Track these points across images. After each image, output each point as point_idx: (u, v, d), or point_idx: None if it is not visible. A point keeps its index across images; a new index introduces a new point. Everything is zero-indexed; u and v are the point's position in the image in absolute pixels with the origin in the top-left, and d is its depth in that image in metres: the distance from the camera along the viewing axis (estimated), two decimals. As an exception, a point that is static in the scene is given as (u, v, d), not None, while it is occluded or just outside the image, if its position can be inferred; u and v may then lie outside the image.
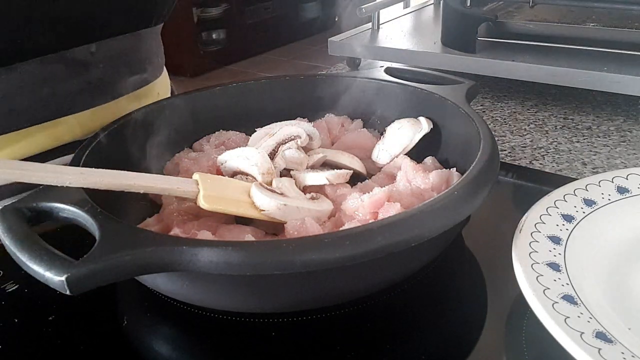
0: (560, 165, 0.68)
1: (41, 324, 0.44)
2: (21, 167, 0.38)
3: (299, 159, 0.53)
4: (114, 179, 0.41)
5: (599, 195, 0.49)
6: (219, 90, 0.62)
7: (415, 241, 0.36)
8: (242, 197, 0.45)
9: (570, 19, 0.93)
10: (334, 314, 0.43)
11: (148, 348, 0.43)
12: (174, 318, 0.44)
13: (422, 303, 0.45)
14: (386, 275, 0.41)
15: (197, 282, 0.38)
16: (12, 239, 0.34)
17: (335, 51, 1.02)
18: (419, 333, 0.42)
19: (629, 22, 0.86)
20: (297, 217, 0.44)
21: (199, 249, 0.34)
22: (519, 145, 0.73)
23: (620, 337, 0.35)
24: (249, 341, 0.42)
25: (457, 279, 0.48)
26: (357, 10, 1.00)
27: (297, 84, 0.65)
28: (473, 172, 0.42)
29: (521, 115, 0.82)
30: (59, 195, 0.38)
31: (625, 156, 0.69)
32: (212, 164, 0.53)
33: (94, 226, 0.36)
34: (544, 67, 0.81)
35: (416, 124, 0.56)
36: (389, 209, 0.43)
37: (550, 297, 0.37)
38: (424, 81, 0.60)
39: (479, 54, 0.87)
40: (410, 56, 0.93)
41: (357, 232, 0.36)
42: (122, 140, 0.52)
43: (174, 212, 0.47)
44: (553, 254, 0.42)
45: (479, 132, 0.48)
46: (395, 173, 0.51)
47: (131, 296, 0.47)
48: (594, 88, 0.79)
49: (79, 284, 0.31)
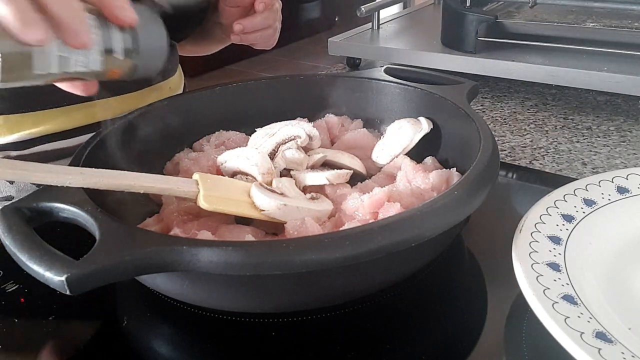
0: (560, 165, 0.68)
1: (41, 324, 0.44)
2: (21, 167, 0.38)
3: (299, 159, 0.53)
4: (114, 179, 0.41)
5: (599, 195, 0.49)
6: (219, 90, 0.62)
7: (415, 241, 0.36)
8: (242, 197, 0.45)
9: (570, 19, 0.93)
10: (334, 314, 0.43)
11: (148, 348, 0.43)
12: (174, 318, 0.44)
13: (422, 303, 0.45)
14: (386, 275, 0.41)
15: (197, 282, 0.38)
16: (12, 239, 0.34)
17: (335, 51, 1.02)
18: (419, 333, 0.42)
19: (629, 22, 0.86)
20: (297, 217, 0.44)
21: (199, 249, 0.34)
22: (519, 145, 0.73)
23: (620, 337, 0.35)
24: (249, 341, 0.42)
25: (457, 279, 0.48)
26: (357, 11, 1.00)
27: (297, 84, 0.65)
28: (473, 172, 0.42)
29: (521, 115, 0.82)
30: (59, 195, 0.38)
31: (625, 156, 0.69)
32: (212, 164, 0.53)
33: (94, 226, 0.36)
34: (544, 67, 0.81)
35: (416, 124, 0.56)
36: (389, 209, 0.43)
37: (550, 297, 0.37)
38: (424, 81, 0.60)
39: (479, 54, 0.87)
40: (410, 56, 0.93)
41: (357, 232, 0.36)
42: (122, 140, 0.52)
43: (174, 212, 0.47)
44: (553, 254, 0.42)
45: (479, 132, 0.48)
46: (395, 173, 0.51)
47: (131, 296, 0.47)
48: (594, 88, 0.79)
49: (79, 284, 0.31)
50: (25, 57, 0.36)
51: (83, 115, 0.65)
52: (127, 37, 0.41)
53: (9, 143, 0.63)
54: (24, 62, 0.36)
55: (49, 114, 0.63)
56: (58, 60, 0.37)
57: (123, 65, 0.42)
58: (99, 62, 0.40)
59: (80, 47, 0.37)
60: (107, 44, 0.40)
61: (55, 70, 0.38)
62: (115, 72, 0.42)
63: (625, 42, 0.81)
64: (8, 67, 0.35)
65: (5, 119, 0.62)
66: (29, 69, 0.36)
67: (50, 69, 0.37)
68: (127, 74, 0.43)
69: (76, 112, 0.65)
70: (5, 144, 0.63)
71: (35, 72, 0.37)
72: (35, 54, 0.36)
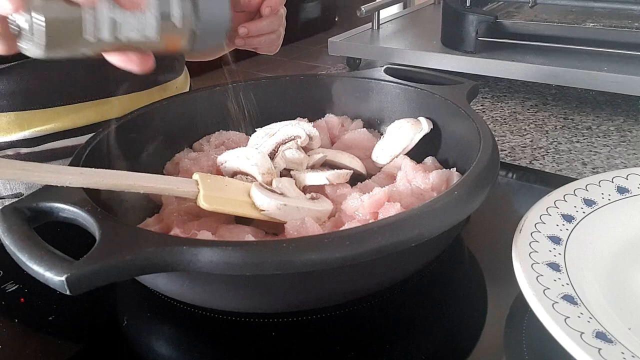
0: (560, 165, 0.68)
1: (41, 324, 0.44)
2: (21, 167, 0.38)
3: (299, 159, 0.53)
4: (114, 179, 0.41)
5: (599, 195, 0.49)
6: (219, 90, 0.62)
7: (415, 241, 0.36)
8: (242, 197, 0.45)
9: (570, 19, 0.93)
10: (334, 314, 0.43)
11: (148, 348, 0.43)
12: (174, 318, 0.44)
13: (422, 303, 0.45)
14: (386, 275, 0.41)
15: (197, 282, 0.38)
16: (12, 239, 0.34)
17: (335, 51, 1.02)
18: (419, 333, 0.42)
19: (629, 22, 0.86)
20: (297, 217, 0.44)
21: (199, 249, 0.34)
22: (519, 145, 0.73)
23: (620, 337, 0.35)
24: (249, 341, 0.42)
25: (457, 279, 0.48)
26: (357, 10, 1.00)
27: (297, 84, 0.65)
28: (473, 172, 0.42)
29: (521, 115, 0.82)
30: (59, 195, 0.38)
31: (625, 156, 0.69)
32: (212, 164, 0.53)
33: (94, 226, 0.36)
34: (544, 67, 0.81)
35: (416, 124, 0.56)
36: (389, 209, 0.43)
37: (550, 297, 0.37)
38: (424, 81, 0.60)
39: (479, 54, 0.87)
40: (410, 56, 0.93)
41: (357, 232, 0.36)
42: (122, 140, 0.52)
43: (174, 212, 0.47)
44: (553, 254, 0.42)
45: (479, 132, 0.48)
46: (395, 173, 0.51)
47: (131, 296, 0.47)
48: (594, 88, 0.79)
49: (79, 284, 0.31)
50: (73, 21, 0.32)
51: (93, 112, 0.66)
52: (186, 1, 0.37)
53: (19, 140, 0.63)
54: (72, 27, 0.32)
55: (60, 111, 0.64)
56: (109, 23, 0.34)
57: (181, 34, 0.38)
58: (154, 28, 0.36)
59: (134, 7, 0.34)
60: (164, 7, 0.36)
61: (106, 35, 0.34)
62: (173, 41, 0.38)
63: (625, 42, 0.81)
64: (54, 32, 0.32)
65: (16, 116, 0.62)
66: (76, 34, 0.33)
67: (100, 34, 0.34)
68: (185, 46, 0.39)
69: (87, 110, 0.65)
70: (16, 141, 0.63)
71: (84, 37, 0.33)
72: (84, 16, 0.32)
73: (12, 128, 0.63)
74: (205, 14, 0.38)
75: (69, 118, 0.65)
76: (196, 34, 0.38)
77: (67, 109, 0.64)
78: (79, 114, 0.65)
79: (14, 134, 0.63)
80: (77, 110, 0.65)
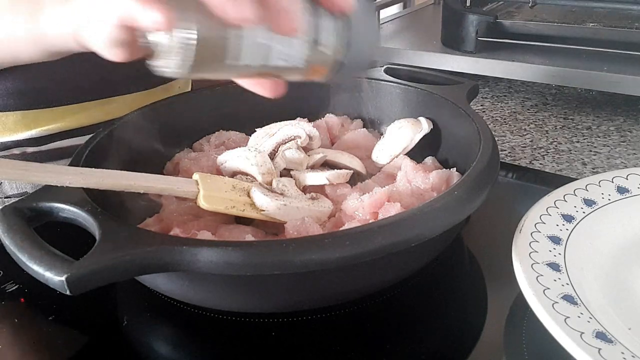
0: (560, 165, 0.68)
1: (41, 324, 0.44)
2: (21, 167, 0.38)
3: (299, 159, 0.53)
4: (113, 179, 0.41)
5: (599, 195, 0.49)
6: (219, 90, 0.62)
7: (415, 241, 0.36)
8: (242, 197, 0.45)
9: (570, 19, 0.92)
10: (334, 314, 0.43)
11: (148, 348, 0.43)
12: (174, 318, 0.44)
13: (422, 303, 0.45)
14: (386, 275, 0.41)
15: (197, 282, 0.38)
16: (12, 239, 0.34)
17: (335, 51, 1.02)
18: (419, 333, 0.42)
19: (629, 22, 0.86)
20: (297, 217, 0.44)
21: (199, 249, 0.34)
22: (519, 145, 0.73)
23: (620, 337, 0.35)
24: (249, 341, 0.42)
25: (457, 279, 0.48)
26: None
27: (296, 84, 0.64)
28: (473, 172, 0.42)
29: (521, 115, 0.82)
30: (59, 195, 0.38)
31: (625, 156, 0.69)
32: (212, 164, 0.53)
33: (94, 226, 0.36)
34: (544, 67, 0.81)
35: (416, 124, 0.56)
36: (389, 209, 0.43)
37: (550, 297, 0.37)
38: (424, 81, 0.60)
39: (479, 54, 0.87)
40: (410, 56, 0.93)
41: (357, 232, 0.36)
42: (122, 140, 0.52)
43: (174, 212, 0.47)
44: (553, 254, 0.42)
45: (479, 132, 0.48)
46: (395, 173, 0.51)
47: (131, 296, 0.47)
48: (594, 88, 0.79)
49: (79, 284, 0.31)
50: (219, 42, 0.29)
51: (99, 112, 0.66)
52: (339, 27, 0.33)
53: (26, 139, 0.63)
54: (217, 48, 0.29)
55: (66, 111, 0.64)
56: (257, 49, 0.31)
57: (327, 62, 0.34)
58: (303, 56, 0.32)
59: (288, 33, 0.31)
60: (316, 34, 0.32)
61: (252, 61, 0.31)
62: (316, 71, 0.34)
63: (625, 42, 0.81)
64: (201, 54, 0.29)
65: (23, 115, 0.63)
66: (220, 57, 0.30)
67: (246, 60, 0.30)
68: (327, 74, 0.35)
69: (93, 109, 0.66)
70: (23, 140, 0.63)
71: (227, 62, 0.30)
72: (231, 38, 0.29)
73: (18, 127, 0.63)
74: (356, 40, 0.34)
75: (75, 117, 0.65)
76: (343, 65, 0.35)
77: (73, 108, 0.65)
78: (84, 113, 0.65)
79: (20, 133, 0.63)
80: (82, 110, 0.65)
